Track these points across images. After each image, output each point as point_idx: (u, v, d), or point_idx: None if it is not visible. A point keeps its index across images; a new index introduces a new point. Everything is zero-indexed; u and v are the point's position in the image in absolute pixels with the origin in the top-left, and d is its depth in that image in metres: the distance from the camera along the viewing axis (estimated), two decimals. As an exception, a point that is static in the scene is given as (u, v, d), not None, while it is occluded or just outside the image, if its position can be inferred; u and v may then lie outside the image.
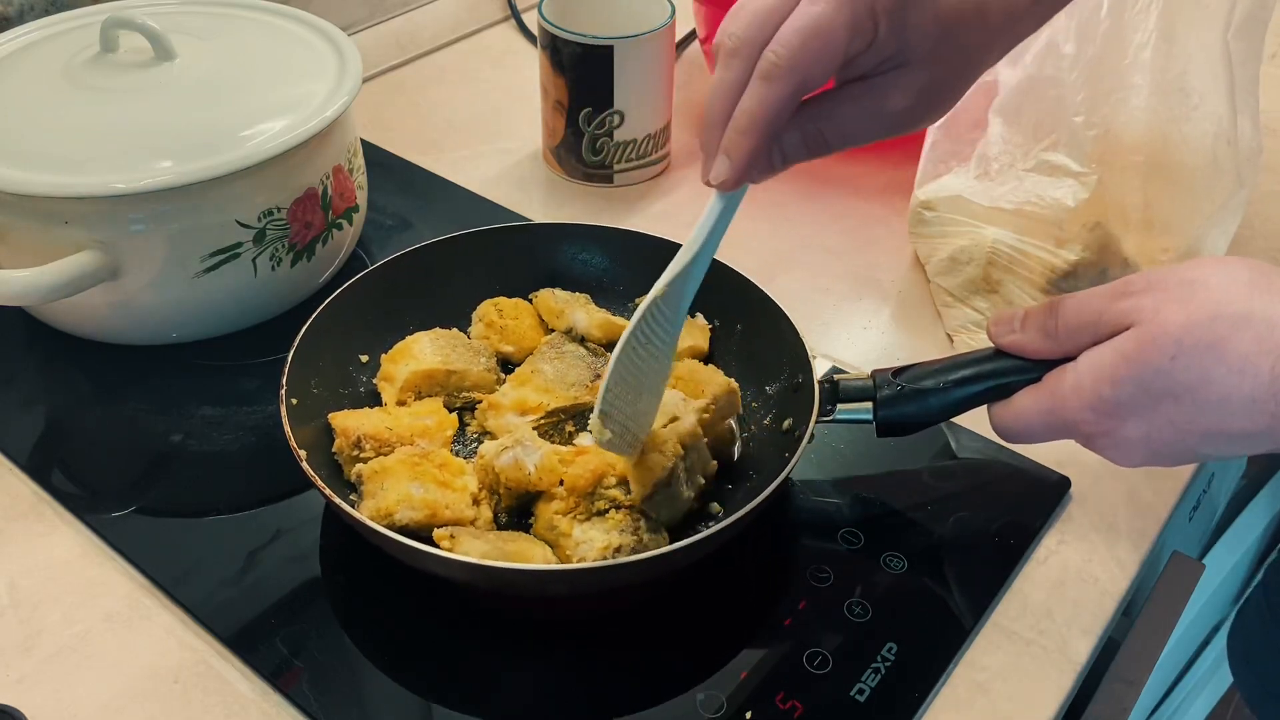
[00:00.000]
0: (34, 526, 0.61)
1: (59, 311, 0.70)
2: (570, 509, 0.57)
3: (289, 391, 0.59)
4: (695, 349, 0.69)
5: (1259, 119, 0.74)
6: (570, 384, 0.66)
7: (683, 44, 1.08)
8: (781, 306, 0.66)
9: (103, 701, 0.53)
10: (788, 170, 0.51)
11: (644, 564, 0.53)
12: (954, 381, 0.57)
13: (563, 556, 0.56)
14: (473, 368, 0.66)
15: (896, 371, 0.59)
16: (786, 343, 0.64)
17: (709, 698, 0.53)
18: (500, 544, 0.56)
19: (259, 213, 0.68)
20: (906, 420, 0.58)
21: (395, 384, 0.65)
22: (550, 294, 0.71)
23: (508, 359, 0.69)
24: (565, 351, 0.68)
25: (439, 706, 0.53)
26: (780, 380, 0.65)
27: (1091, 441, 0.52)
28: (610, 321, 0.69)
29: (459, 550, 0.54)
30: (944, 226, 0.78)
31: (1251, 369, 0.45)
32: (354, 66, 0.73)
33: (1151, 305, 0.48)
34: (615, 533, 0.56)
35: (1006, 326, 0.55)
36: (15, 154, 0.64)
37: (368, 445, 0.60)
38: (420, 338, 0.67)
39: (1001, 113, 0.77)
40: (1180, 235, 0.74)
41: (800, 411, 0.61)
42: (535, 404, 0.64)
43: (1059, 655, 0.56)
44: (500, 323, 0.70)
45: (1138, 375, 0.48)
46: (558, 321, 0.70)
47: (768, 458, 0.62)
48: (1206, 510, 0.99)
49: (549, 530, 0.57)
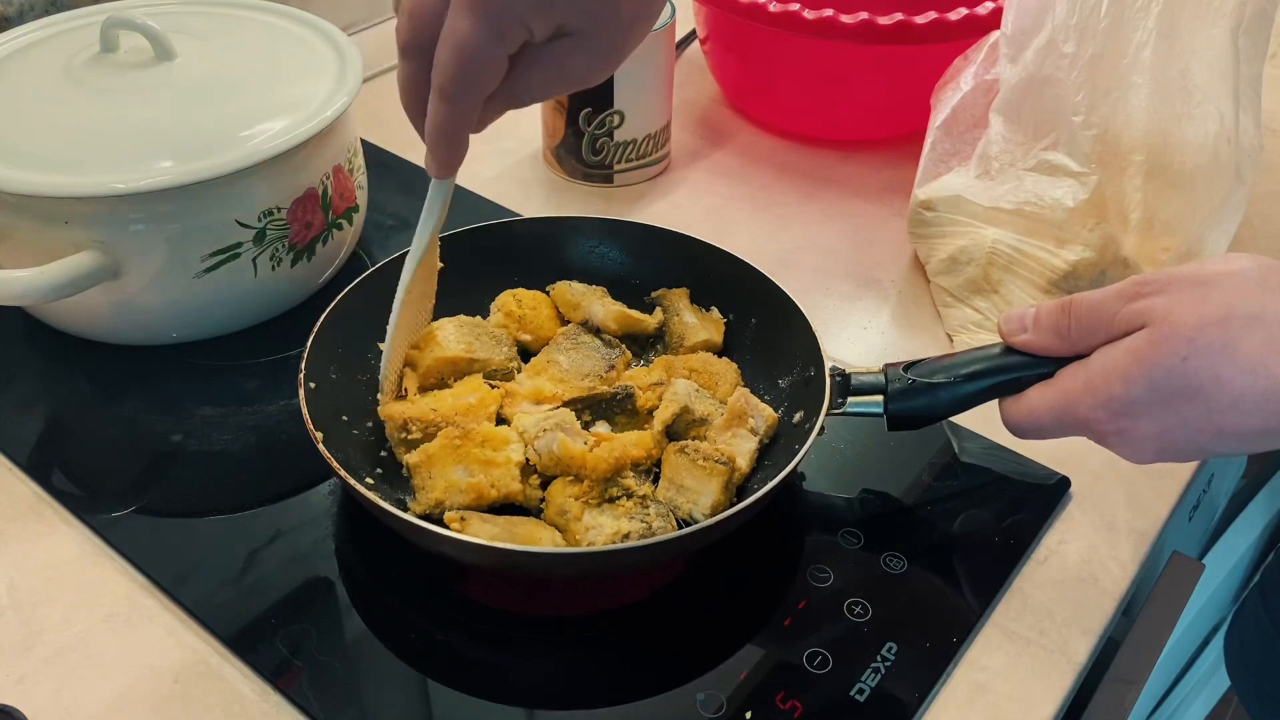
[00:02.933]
0: (34, 526, 0.61)
1: (59, 311, 0.70)
2: (583, 494, 0.58)
3: (308, 375, 0.60)
4: (710, 342, 0.69)
5: (1261, 117, 0.74)
6: (585, 374, 0.67)
7: (683, 44, 1.08)
8: (796, 301, 0.66)
9: (103, 701, 0.53)
10: (788, 170, 0.51)
11: (650, 549, 0.53)
12: (965, 376, 0.57)
13: (571, 541, 0.57)
14: (495, 356, 0.67)
15: (908, 366, 0.59)
16: (800, 337, 0.65)
17: (709, 698, 0.53)
18: (510, 527, 0.57)
19: (259, 213, 0.68)
20: (917, 414, 0.59)
21: (419, 369, 0.65)
22: (567, 286, 0.72)
23: (525, 347, 0.70)
24: (581, 343, 0.69)
25: (439, 706, 0.53)
26: (793, 374, 0.65)
27: (1104, 439, 0.52)
28: (626, 314, 0.70)
29: (469, 533, 0.55)
30: (944, 226, 0.78)
31: (1263, 369, 0.46)
32: (354, 66, 0.73)
33: (1164, 306, 0.48)
34: (625, 519, 0.57)
35: (1018, 325, 0.55)
36: (15, 154, 0.64)
37: (414, 428, 0.60)
38: (445, 324, 0.67)
39: (1002, 111, 0.77)
40: (1180, 235, 0.74)
41: (811, 405, 0.61)
42: (550, 394, 0.65)
43: (1059, 655, 0.56)
44: (519, 312, 0.70)
45: (1150, 375, 0.48)
46: (574, 313, 0.71)
47: (777, 450, 0.62)
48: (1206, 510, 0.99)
49: (559, 515, 0.58)
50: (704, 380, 0.66)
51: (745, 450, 0.61)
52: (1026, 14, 0.76)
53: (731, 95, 1.02)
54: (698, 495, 0.58)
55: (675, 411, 0.62)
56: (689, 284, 0.72)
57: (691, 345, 0.69)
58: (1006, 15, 0.77)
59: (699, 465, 0.58)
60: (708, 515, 0.58)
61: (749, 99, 1.00)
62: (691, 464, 0.59)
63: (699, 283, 0.72)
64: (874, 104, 0.93)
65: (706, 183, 0.92)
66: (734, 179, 0.92)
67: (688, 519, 0.58)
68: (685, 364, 0.67)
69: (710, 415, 0.63)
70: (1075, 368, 0.52)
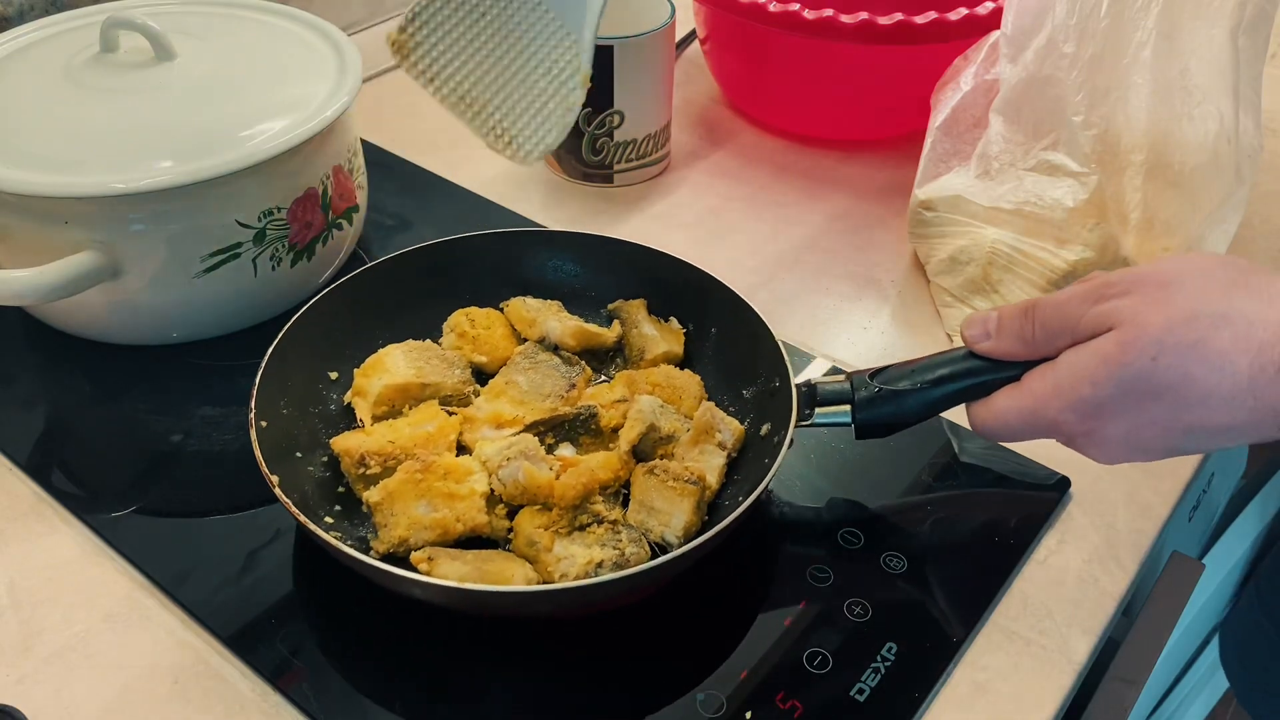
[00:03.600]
0: (34, 526, 0.61)
1: (59, 311, 0.70)
2: (552, 523, 0.56)
3: (259, 414, 0.58)
4: (671, 354, 0.68)
5: (1261, 118, 0.74)
6: (546, 395, 0.65)
7: (683, 44, 1.08)
8: (756, 309, 0.65)
9: (103, 701, 0.53)
10: (788, 170, 0.51)
11: (626, 580, 0.52)
12: (930, 381, 0.56)
13: (543, 573, 0.55)
14: (447, 379, 0.65)
15: (874, 373, 0.58)
16: (763, 346, 0.64)
17: (709, 698, 0.53)
18: (479, 564, 0.54)
19: (259, 213, 0.68)
20: (885, 422, 0.58)
21: (369, 399, 0.63)
22: (521, 303, 0.70)
23: (481, 369, 0.68)
24: (539, 361, 0.67)
25: (439, 706, 0.53)
26: (757, 384, 0.65)
27: (1072, 440, 0.52)
28: (584, 329, 0.68)
29: (437, 573, 0.53)
30: (944, 226, 0.78)
31: (1230, 366, 0.46)
32: (354, 66, 0.73)
33: (1130, 307, 0.48)
34: (597, 547, 0.55)
35: (980, 331, 0.55)
36: (15, 154, 0.64)
37: (372, 462, 0.58)
38: (392, 350, 0.65)
39: (1002, 112, 0.77)
40: (1180, 235, 0.74)
41: (778, 416, 0.60)
42: (511, 417, 0.63)
43: (1059, 655, 0.56)
44: (473, 333, 0.68)
45: (1119, 376, 0.48)
46: (530, 330, 0.69)
47: (746, 463, 0.62)
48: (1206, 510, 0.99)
49: (529, 546, 0.56)
50: (667, 395, 0.64)
51: (714, 466, 0.60)
52: (1026, 14, 0.76)
53: (731, 95, 1.02)
54: (669, 517, 0.57)
55: (641, 431, 0.60)
56: (645, 294, 0.71)
57: (653, 359, 0.67)
58: (1006, 15, 0.77)
59: (669, 486, 0.57)
60: (680, 537, 0.57)
61: (749, 99, 1.00)
62: (661, 485, 0.57)
63: (656, 293, 0.70)
64: (874, 104, 0.93)
65: (706, 183, 0.92)
66: (734, 179, 0.92)
67: (660, 542, 0.57)
68: (647, 379, 0.65)
69: (676, 431, 0.62)
70: (1043, 370, 0.52)
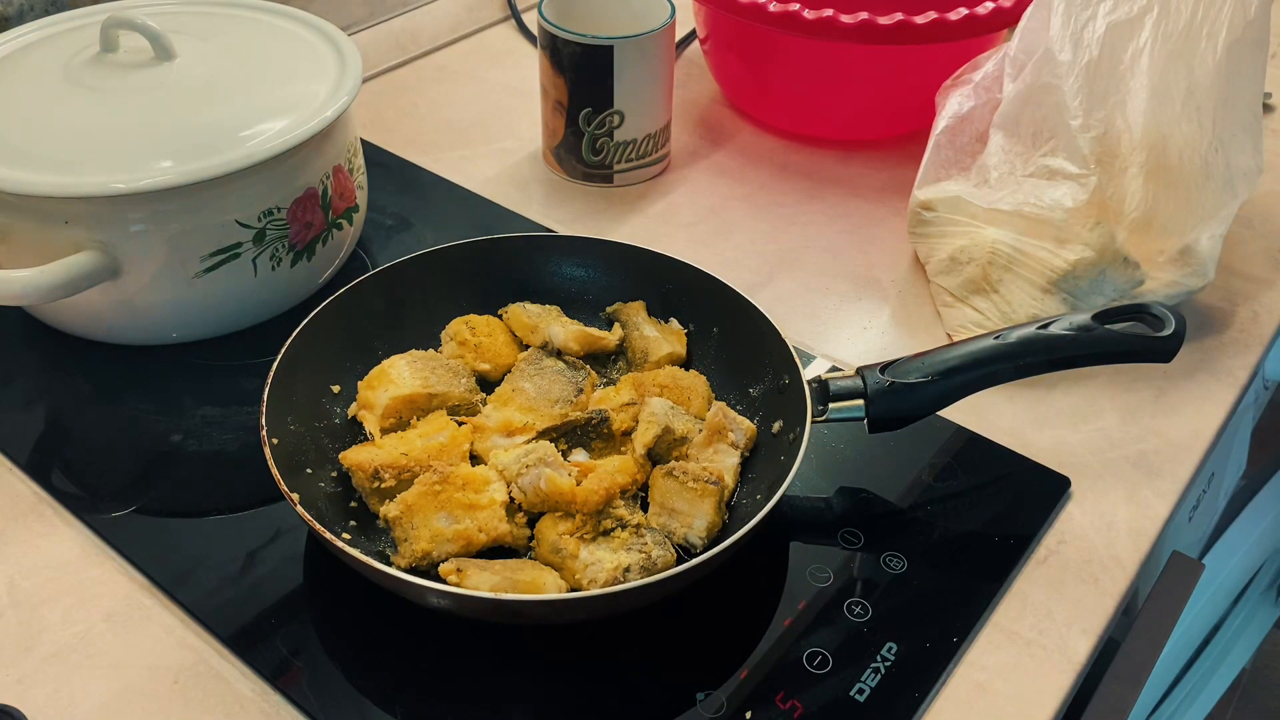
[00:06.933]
0: (34, 526, 0.61)
1: (59, 311, 0.70)
2: (576, 529, 0.56)
3: (269, 432, 0.57)
4: (674, 355, 0.68)
5: (1261, 141, 0.73)
6: (554, 400, 0.65)
7: (683, 44, 1.08)
8: (759, 307, 0.65)
9: (103, 701, 0.53)
10: (788, 170, 0.51)
11: (661, 584, 0.52)
12: (941, 373, 0.57)
13: (570, 579, 0.55)
14: (454, 389, 0.64)
15: (883, 367, 0.59)
16: (768, 344, 0.64)
17: (709, 697, 0.53)
18: (508, 574, 0.54)
19: (259, 213, 0.68)
20: (898, 415, 0.59)
21: (376, 411, 0.62)
22: (521, 308, 0.70)
23: (484, 377, 0.67)
24: (544, 367, 0.67)
25: (439, 706, 0.53)
26: (764, 382, 0.65)
27: None
28: (586, 333, 0.68)
29: (467, 585, 0.53)
30: (944, 226, 0.78)
31: None
32: (354, 66, 0.73)
33: None
34: (623, 552, 0.55)
35: None
36: (15, 154, 0.64)
37: (386, 475, 0.58)
38: (396, 361, 0.65)
39: (1001, 126, 0.77)
40: (1177, 236, 0.74)
41: (789, 412, 0.60)
42: (521, 424, 0.62)
43: (1059, 655, 0.56)
44: (474, 340, 0.67)
45: None
46: (532, 336, 0.68)
47: (759, 460, 0.62)
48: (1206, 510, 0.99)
49: (554, 553, 0.56)
50: (675, 396, 0.64)
51: (729, 466, 0.60)
52: (1030, 35, 0.76)
53: (731, 95, 1.02)
54: (691, 518, 0.57)
55: (657, 433, 0.60)
56: (644, 296, 0.70)
57: (657, 360, 0.67)
58: (1013, 39, 0.78)
59: (690, 488, 0.57)
60: (703, 537, 0.57)
61: (749, 99, 1.00)
62: (681, 487, 0.57)
63: (655, 294, 0.70)
64: (874, 104, 0.93)
65: (706, 182, 0.92)
66: (734, 179, 0.92)
67: (682, 543, 0.58)
68: (654, 380, 0.65)
69: (689, 433, 0.61)
70: None
